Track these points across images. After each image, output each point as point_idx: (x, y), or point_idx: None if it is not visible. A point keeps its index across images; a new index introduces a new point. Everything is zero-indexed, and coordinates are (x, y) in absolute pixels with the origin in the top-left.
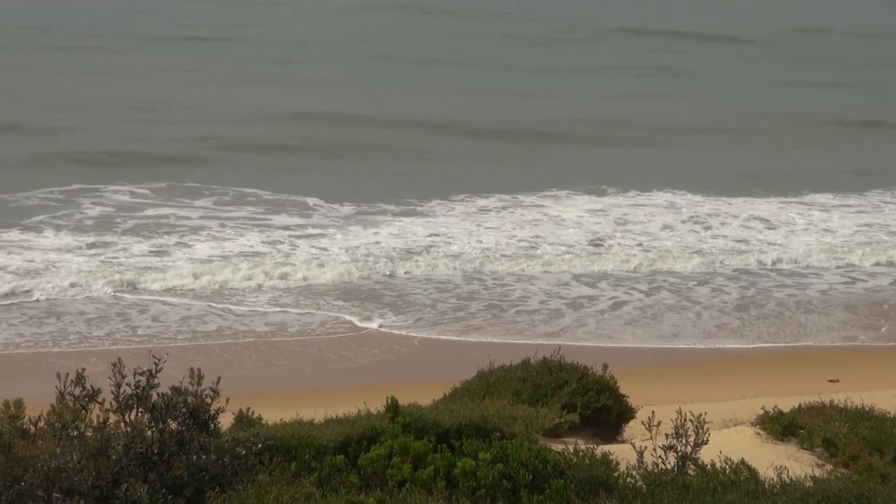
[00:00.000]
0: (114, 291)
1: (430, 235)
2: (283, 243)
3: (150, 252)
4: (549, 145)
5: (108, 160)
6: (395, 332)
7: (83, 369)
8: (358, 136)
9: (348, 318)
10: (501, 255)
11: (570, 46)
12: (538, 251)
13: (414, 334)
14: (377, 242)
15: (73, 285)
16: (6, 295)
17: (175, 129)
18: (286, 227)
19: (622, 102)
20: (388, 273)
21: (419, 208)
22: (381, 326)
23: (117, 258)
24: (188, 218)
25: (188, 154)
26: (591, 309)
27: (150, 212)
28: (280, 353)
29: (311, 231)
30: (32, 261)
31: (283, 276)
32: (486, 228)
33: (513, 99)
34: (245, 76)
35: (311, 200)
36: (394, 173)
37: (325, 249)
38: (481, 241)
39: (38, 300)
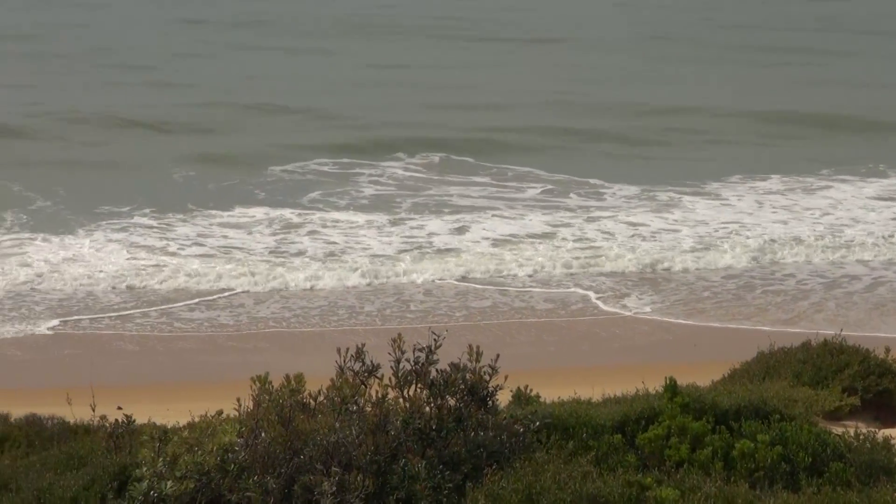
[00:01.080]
0: (437, 279)
1: (723, 222)
2: (570, 225)
3: (450, 231)
4: (817, 129)
5: (377, 141)
6: (665, 315)
7: (363, 344)
8: (622, 123)
9: (620, 298)
10: (792, 239)
11: (865, 27)
12: (834, 235)
13: (684, 319)
14: (675, 229)
15: (392, 270)
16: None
17: (443, 112)
18: (572, 209)
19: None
20: (670, 256)
21: (702, 189)
22: (652, 309)
23: (416, 237)
24: (469, 196)
25: (453, 136)
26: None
27: (433, 190)
28: (551, 331)
29: (596, 213)
30: (334, 242)
31: (569, 258)
32: (777, 211)
33: (787, 83)
34: (517, 60)
35: (593, 181)
36: (661, 157)
37: (609, 234)
38: (774, 225)
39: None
